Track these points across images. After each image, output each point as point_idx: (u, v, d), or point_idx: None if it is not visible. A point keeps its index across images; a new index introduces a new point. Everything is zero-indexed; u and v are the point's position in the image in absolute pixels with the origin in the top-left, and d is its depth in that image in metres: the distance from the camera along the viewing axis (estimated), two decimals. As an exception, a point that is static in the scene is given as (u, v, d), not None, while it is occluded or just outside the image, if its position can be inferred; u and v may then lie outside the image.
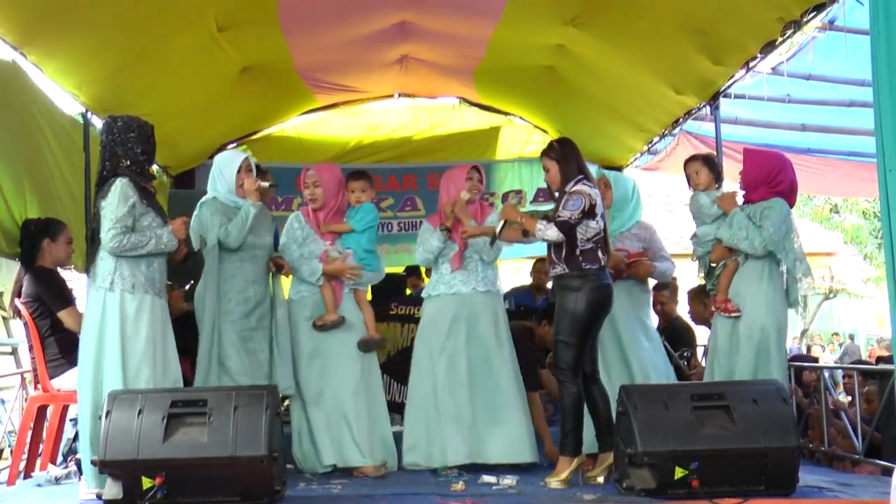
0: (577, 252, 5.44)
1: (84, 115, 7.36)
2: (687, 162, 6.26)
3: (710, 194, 6.07)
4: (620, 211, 6.23)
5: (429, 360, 6.10)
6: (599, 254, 5.48)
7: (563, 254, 5.47)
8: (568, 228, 5.42)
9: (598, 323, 5.55)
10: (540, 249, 10.65)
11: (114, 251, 4.95)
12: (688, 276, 8.97)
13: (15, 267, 5.95)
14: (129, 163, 5.08)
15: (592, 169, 10.58)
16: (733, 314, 5.79)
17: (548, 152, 5.70)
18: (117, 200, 4.96)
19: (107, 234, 4.94)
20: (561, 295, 5.51)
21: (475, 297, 6.14)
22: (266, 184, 5.77)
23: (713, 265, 6.04)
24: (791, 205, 5.88)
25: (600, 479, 5.36)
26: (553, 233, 5.43)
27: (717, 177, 6.17)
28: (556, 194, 5.70)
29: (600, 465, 5.46)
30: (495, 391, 6.05)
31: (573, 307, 5.41)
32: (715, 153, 6.81)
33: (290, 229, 6.04)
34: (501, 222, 5.74)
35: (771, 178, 5.79)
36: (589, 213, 5.43)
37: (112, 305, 4.96)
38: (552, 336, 5.66)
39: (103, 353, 4.94)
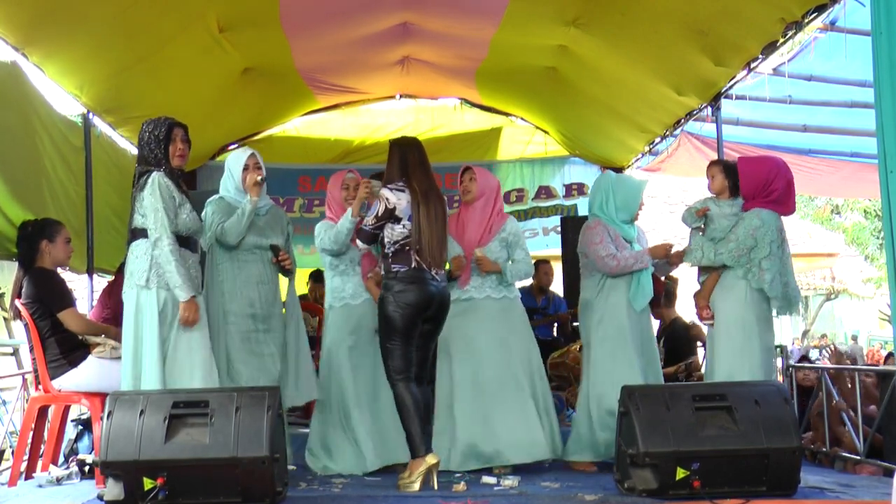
0: (388, 254, 5.45)
1: (85, 117, 7.38)
2: (709, 165, 6.23)
3: (721, 204, 6.01)
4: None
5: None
6: (413, 255, 5.41)
7: (380, 255, 5.52)
8: (365, 236, 5.48)
9: (418, 325, 5.45)
10: (541, 249, 10.75)
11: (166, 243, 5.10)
12: (687, 278, 8.98)
13: (16, 267, 5.93)
14: (152, 159, 5.25)
15: (591, 170, 10.80)
16: (706, 321, 5.87)
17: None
18: (157, 191, 5.14)
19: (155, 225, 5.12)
20: (380, 297, 5.51)
21: (487, 302, 6.12)
22: (259, 179, 5.72)
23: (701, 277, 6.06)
24: (787, 210, 5.84)
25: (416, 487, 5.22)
26: (358, 241, 5.55)
27: (734, 186, 6.07)
28: None
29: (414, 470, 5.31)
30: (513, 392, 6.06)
31: (386, 310, 5.40)
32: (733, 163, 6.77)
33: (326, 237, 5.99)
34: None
35: (764, 187, 5.77)
36: (387, 216, 5.42)
37: (149, 303, 5.07)
38: None
39: (141, 351, 5.06)
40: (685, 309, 8.51)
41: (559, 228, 10.33)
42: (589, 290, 6.17)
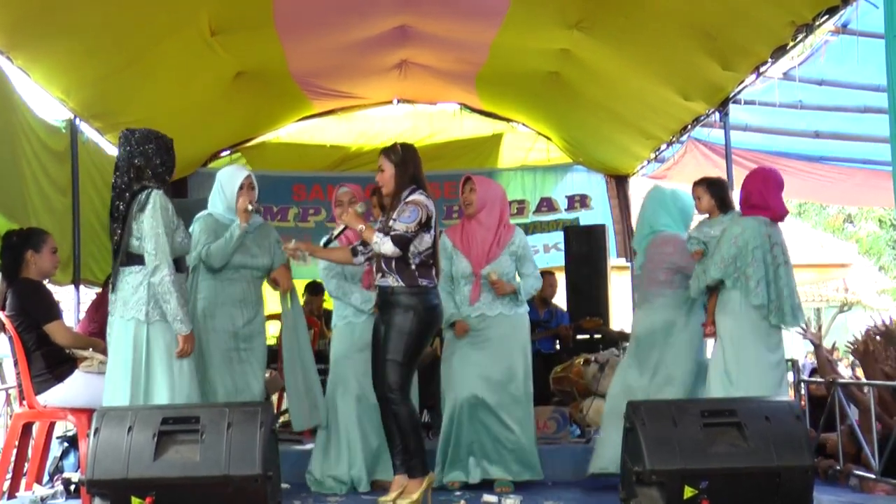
0: (412, 265, 5.23)
1: (72, 122, 7.28)
2: (693, 185, 6.07)
3: (712, 223, 5.87)
4: None
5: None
6: (433, 270, 5.31)
7: (395, 265, 5.22)
8: (405, 243, 5.19)
9: (427, 344, 5.42)
10: (541, 266, 10.59)
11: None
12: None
13: (0, 278, 5.82)
14: (150, 174, 4.97)
15: (594, 179, 10.68)
16: (709, 337, 5.77)
17: (388, 153, 5.46)
18: (159, 213, 4.86)
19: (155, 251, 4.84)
20: (391, 310, 5.23)
21: (500, 319, 6.12)
22: (251, 207, 5.60)
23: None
24: (771, 213, 5.54)
25: None
26: (389, 247, 5.16)
27: (722, 203, 5.90)
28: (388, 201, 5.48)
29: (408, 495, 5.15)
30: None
31: (407, 326, 5.17)
32: (725, 178, 6.60)
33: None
34: (340, 227, 5.55)
35: (744, 196, 5.64)
36: (425, 225, 5.25)
37: (156, 339, 4.89)
38: None
39: (146, 386, 4.90)
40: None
41: (560, 245, 10.16)
42: (671, 310, 6.00)
